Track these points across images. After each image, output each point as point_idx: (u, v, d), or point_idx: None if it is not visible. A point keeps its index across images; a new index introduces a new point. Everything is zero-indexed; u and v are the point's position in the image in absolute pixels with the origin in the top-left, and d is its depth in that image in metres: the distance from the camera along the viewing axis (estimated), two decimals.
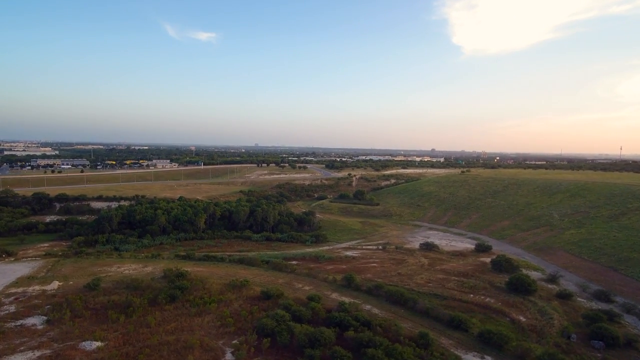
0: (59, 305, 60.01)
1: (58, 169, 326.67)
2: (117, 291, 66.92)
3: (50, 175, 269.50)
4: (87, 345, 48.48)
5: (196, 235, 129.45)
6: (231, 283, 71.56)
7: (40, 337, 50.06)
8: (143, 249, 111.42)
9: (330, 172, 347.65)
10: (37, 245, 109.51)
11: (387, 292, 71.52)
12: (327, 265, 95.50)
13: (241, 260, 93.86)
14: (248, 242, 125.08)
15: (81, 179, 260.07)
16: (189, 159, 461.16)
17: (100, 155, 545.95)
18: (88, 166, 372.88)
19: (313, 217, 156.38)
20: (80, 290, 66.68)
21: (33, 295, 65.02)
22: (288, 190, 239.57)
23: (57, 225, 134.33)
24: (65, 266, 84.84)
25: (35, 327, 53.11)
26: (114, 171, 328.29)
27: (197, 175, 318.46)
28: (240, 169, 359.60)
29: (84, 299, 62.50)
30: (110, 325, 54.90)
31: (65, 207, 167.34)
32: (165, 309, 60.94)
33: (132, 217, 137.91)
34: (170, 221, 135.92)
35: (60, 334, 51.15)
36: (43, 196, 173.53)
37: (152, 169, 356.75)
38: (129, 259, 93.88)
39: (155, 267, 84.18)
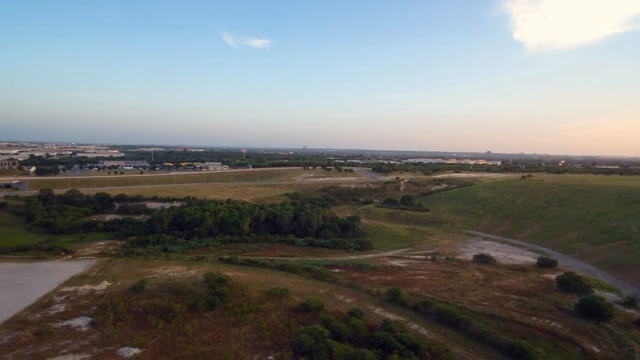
0: (104, 307, 61.36)
1: (121, 170, 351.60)
2: (159, 294, 67.46)
3: (113, 176, 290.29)
4: (125, 351, 48.31)
5: (241, 237, 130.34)
6: (271, 291, 69.45)
7: (83, 340, 50.88)
8: (190, 250, 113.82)
9: (377, 175, 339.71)
10: (95, 244, 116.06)
11: (436, 310, 65.30)
12: (371, 275, 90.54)
13: (283, 267, 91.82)
14: (291, 246, 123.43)
15: (140, 180, 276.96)
16: (238, 162, 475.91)
17: (159, 157, 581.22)
18: (147, 168, 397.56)
19: (358, 222, 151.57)
20: (125, 292, 68.05)
21: (82, 295, 67.42)
22: (333, 194, 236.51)
23: (114, 225, 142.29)
24: (116, 266, 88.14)
25: (80, 329, 54.31)
26: (169, 173, 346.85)
27: (245, 177, 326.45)
28: (287, 171, 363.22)
29: (127, 302, 63.49)
30: (149, 331, 54.77)
31: (123, 206, 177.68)
32: (204, 317, 60.05)
33: (182, 218, 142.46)
34: (217, 223, 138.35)
35: (102, 338, 51.68)
36: (104, 196, 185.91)
37: (204, 171, 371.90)
38: (175, 261, 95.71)
39: (198, 271, 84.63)
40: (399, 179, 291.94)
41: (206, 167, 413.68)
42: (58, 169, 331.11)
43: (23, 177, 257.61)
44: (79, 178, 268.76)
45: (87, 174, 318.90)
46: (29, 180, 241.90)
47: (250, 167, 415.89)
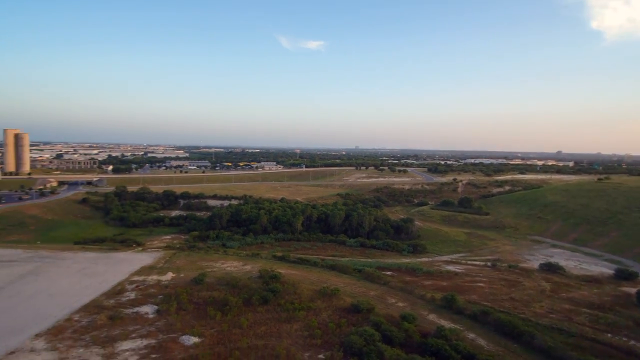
0: (169, 296, 66.06)
1: (185, 170, 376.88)
2: (217, 287, 71.08)
3: (178, 175, 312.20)
4: (186, 339, 51.58)
5: (293, 236, 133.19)
6: (322, 290, 70.05)
7: (149, 326, 55.22)
8: (246, 246, 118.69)
9: (432, 176, 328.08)
10: (162, 237, 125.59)
11: (496, 320, 61.37)
12: (425, 279, 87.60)
13: (334, 267, 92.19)
14: (342, 247, 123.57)
15: (202, 178, 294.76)
16: (292, 162, 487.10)
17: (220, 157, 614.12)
18: (209, 167, 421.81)
19: (411, 224, 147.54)
20: (188, 284, 72.67)
21: (150, 284, 73.23)
22: (386, 195, 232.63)
23: (179, 220, 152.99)
24: (180, 259, 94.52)
25: (147, 316, 59.01)
26: (228, 172, 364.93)
27: (298, 177, 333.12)
28: (339, 171, 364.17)
29: (189, 293, 67.72)
30: (208, 321, 57.93)
31: (187, 203, 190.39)
32: (258, 311, 62.19)
33: (239, 215, 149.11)
34: (271, 221, 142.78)
35: (166, 325, 55.68)
36: (171, 193, 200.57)
37: (260, 170, 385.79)
38: (232, 256, 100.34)
39: (253, 267, 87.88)
40: (457, 180, 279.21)
41: (262, 166, 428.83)
42: (131, 168, 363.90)
43: (102, 175, 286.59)
44: (149, 176, 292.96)
45: (156, 172, 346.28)
46: (107, 177, 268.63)
47: (303, 167, 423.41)
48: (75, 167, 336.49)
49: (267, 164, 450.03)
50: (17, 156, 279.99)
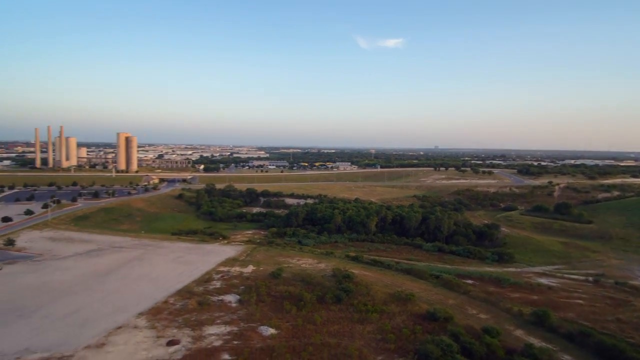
0: (250, 287, 70.42)
1: (265, 169, 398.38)
2: (293, 283, 73.79)
3: (259, 174, 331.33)
4: (264, 330, 54.46)
5: (367, 237, 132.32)
6: (396, 294, 68.47)
7: (232, 314, 59.47)
8: (320, 244, 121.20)
9: (522, 178, 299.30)
10: (244, 232, 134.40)
11: (598, 343, 53.74)
12: (512, 292, 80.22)
13: (409, 271, 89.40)
14: (418, 250, 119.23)
15: (280, 178, 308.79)
16: (367, 162, 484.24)
17: (297, 157, 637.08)
18: (287, 167, 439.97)
19: (497, 230, 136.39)
20: (266, 277, 76.69)
21: (233, 275, 78.85)
22: (468, 198, 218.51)
23: (259, 217, 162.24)
24: (260, 253, 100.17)
25: (230, 304, 63.65)
26: (304, 172, 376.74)
27: (373, 177, 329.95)
28: (416, 172, 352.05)
29: (268, 286, 71.42)
30: (284, 315, 60.46)
31: (267, 201, 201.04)
32: (331, 309, 63.10)
33: (314, 214, 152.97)
34: (345, 221, 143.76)
35: (247, 315, 59.46)
36: (252, 191, 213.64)
37: (334, 170, 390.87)
38: (307, 254, 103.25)
39: (327, 265, 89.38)
40: (553, 184, 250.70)
41: (337, 167, 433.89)
42: (219, 167, 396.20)
43: (195, 174, 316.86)
44: (234, 175, 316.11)
45: (240, 171, 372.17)
46: (199, 176, 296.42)
47: (378, 167, 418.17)
48: (173, 166, 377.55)
49: (341, 164, 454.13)
50: (127, 156, 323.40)
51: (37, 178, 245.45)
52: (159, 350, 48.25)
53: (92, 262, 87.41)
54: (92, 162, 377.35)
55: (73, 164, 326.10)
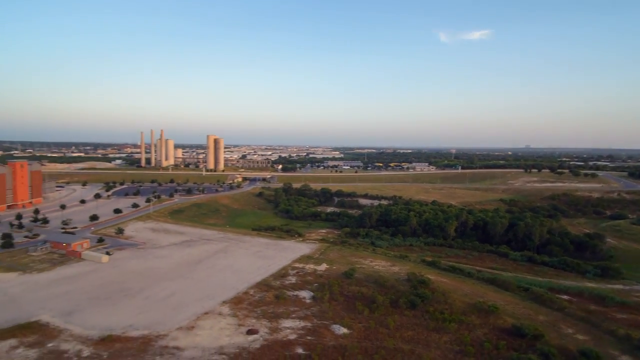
0: (323, 285, 71.78)
1: (340, 169, 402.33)
2: (366, 284, 73.35)
3: (333, 174, 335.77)
4: (337, 329, 55.08)
5: (445, 242, 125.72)
6: (477, 305, 64.00)
7: (306, 310, 61.23)
8: (394, 247, 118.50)
9: (635, 182, 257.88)
10: (318, 231, 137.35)
11: None
12: (618, 312, 69.59)
13: (492, 280, 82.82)
14: (503, 259, 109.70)
15: (354, 178, 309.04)
16: (446, 162, 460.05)
17: (371, 158, 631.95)
18: (361, 167, 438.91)
19: (601, 241, 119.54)
20: (339, 276, 77.41)
21: (308, 272, 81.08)
22: (565, 203, 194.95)
23: (333, 216, 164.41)
24: (333, 252, 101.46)
25: (305, 300, 65.59)
26: (379, 172, 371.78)
27: (453, 179, 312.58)
28: (503, 174, 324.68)
29: (340, 285, 72.05)
30: (356, 315, 60.45)
31: (340, 201, 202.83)
32: (405, 314, 61.36)
33: (388, 215, 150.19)
34: (420, 224, 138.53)
35: (320, 312, 60.72)
36: (327, 191, 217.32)
37: (410, 171, 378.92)
38: (380, 255, 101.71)
39: (401, 268, 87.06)
40: None
41: (413, 167, 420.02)
42: (296, 167, 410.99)
43: (274, 173, 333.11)
44: (309, 175, 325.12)
45: (315, 171, 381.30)
46: (277, 175, 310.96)
47: (459, 168, 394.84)
48: (254, 166, 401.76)
49: (418, 165, 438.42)
50: (215, 157, 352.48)
51: (141, 175, 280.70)
52: (239, 337, 51.76)
53: (185, 252, 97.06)
54: (186, 161, 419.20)
55: (171, 163, 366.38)
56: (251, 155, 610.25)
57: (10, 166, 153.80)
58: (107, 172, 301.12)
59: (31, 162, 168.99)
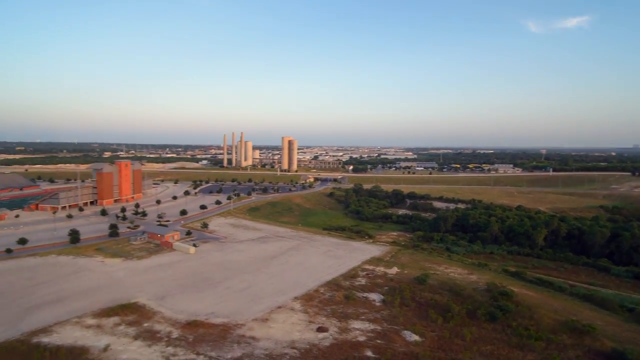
0: (393, 289, 70.27)
1: (413, 170, 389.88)
2: (440, 291, 70.05)
3: (406, 176, 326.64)
4: (408, 335, 53.51)
5: (532, 251, 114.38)
6: (569, 323, 57.23)
7: (376, 313, 60.50)
8: (472, 254, 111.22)
9: None
10: (389, 233, 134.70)
11: None
12: None
13: (589, 297, 73.35)
14: (603, 274, 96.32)
15: (428, 179, 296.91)
16: (535, 164, 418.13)
17: (447, 158, 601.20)
18: (436, 168, 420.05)
19: None
20: (411, 281, 75.07)
21: (378, 274, 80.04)
22: None
23: (404, 218, 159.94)
24: (404, 256, 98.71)
25: (374, 303, 64.86)
26: (456, 174, 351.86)
27: (542, 182, 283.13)
28: (604, 177, 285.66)
29: (412, 290, 69.84)
30: (429, 323, 58.08)
31: (413, 203, 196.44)
32: (483, 327, 57.35)
33: (465, 220, 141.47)
34: (503, 230, 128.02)
35: (390, 316, 59.56)
36: (398, 192, 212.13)
37: (492, 173, 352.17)
38: (456, 262, 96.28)
39: (479, 277, 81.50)
40: None
41: (495, 169, 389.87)
42: (367, 168, 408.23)
43: (344, 174, 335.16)
44: (380, 176, 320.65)
45: (386, 172, 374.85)
46: (348, 176, 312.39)
47: (550, 170, 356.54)
48: (325, 167, 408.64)
49: (501, 166, 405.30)
50: (289, 157, 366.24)
51: (223, 175, 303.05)
52: (310, 334, 53.08)
53: (261, 248, 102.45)
54: (263, 162, 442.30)
55: (249, 163, 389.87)
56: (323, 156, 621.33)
57: (117, 165, 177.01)
58: (194, 171, 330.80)
59: (133, 162, 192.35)
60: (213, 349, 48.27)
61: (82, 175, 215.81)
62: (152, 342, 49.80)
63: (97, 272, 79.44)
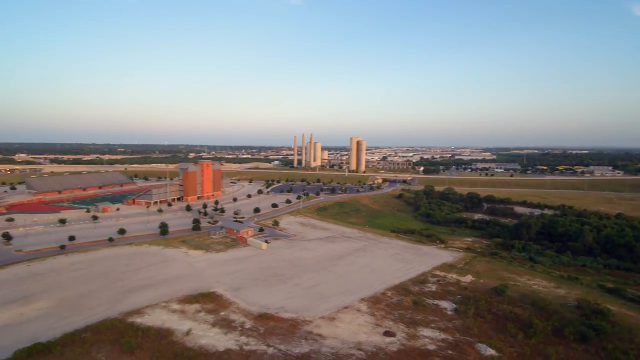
0: (467, 298, 66.23)
1: (491, 172, 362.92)
2: (520, 304, 64.37)
3: (483, 178, 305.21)
4: (482, 348, 50.06)
5: (634, 266, 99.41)
6: None
7: (447, 322, 57.57)
8: (559, 266, 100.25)
9: None
10: (463, 238, 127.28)
11: None
12: None
13: None
14: None
15: (509, 182, 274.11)
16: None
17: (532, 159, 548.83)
18: (518, 170, 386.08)
19: None
20: (487, 291, 70.13)
21: (450, 282, 76.11)
22: None
23: (481, 224, 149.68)
24: (480, 264, 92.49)
25: (446, 311, 61.78)
26: (542, 177, 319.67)
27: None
28: None
29: (488, 301, 65.14)
30: (507, 338, 53.70)
31: (490, 208, 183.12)
32: (572, 347, 51.38)
33: (552, 228, 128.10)
34: (599, 241, 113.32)
35: (462, 326, 56.25)
36: (474, 196, 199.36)
37: (586, 176, 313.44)
38: (541, 274, 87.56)
39: (568, 292, 73.20)
40: None
41: (590, 171, 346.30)
42: (439, 169, 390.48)
43: (414, 175, 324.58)
44: (454, 178, 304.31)
45: (461, 174, 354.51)
46: (418, 177, 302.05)
47: None
48: (394, 167, 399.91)
49: (597, 168, 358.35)
50: (357, 158, 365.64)
51: (293, 175, 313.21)
52: (376, 337, 52.43)
53: (328, 247, 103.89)
54: (331, 162, 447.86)
55: (318, 164, 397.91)
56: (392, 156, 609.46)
57: (199, 165, 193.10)
58: (267, 171, 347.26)
59: (214, 162, 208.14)
60: (282, 342, 50.20)
61: (171, 174, 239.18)
62: (228, 330, 53.40)
63: (181, 262, 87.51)
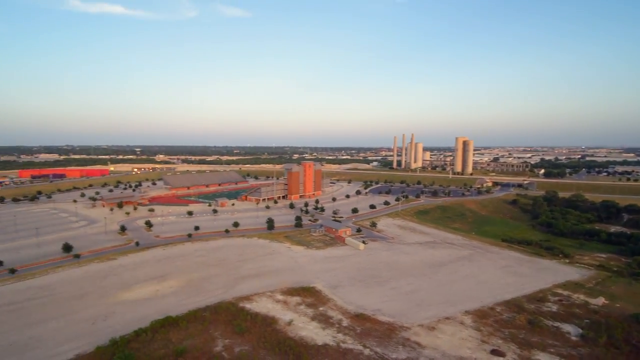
0: (597, 324, 56.32)
1: (634, 177, 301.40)
2: None
3: (623, 183, 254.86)
4: None
5: None
6: None
7: (570, 349, 49.71)
8: None
9: None
10: (594, 254, 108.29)
11: None
12: None
13: None
14: None
15: None
16: None
17: None
18: None
19: None
20: (624, 318, 58.70)
21: (575, 303, 65.57)
22: None
23: (619, 238, 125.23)
24: (616, 285, 77.63)
25: (569, 336, 53.41)
26: None
27: None
28: None
29: (626, 330, 54.46)
30: None
31: (632, 219, 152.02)
32: None
33: None
34: None
35: (590, 356, 47.96)
36: (611, 204, 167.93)
37: None
38: None
39: None
40: None
41: None
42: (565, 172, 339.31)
43: (533, 179, 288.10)
44: (584, 183, 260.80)
45: (594, 179, 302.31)
46: (537, 181, 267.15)
47: None
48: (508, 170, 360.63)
49: None
50: (464, 159, 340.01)
51: (392, 176, 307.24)
52: (482, 354, 48.09)
53: (428, 253, 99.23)
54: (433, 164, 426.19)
55: (419, 165, 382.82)
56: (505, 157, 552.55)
57: (302, 166, 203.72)
58: (365, 172, 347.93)
59: (315, 163, 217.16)
60: (378, 345, 49.73)
61: (277, 174, 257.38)
62: (326, 326, 55.13)
63: (285, 255, 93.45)
